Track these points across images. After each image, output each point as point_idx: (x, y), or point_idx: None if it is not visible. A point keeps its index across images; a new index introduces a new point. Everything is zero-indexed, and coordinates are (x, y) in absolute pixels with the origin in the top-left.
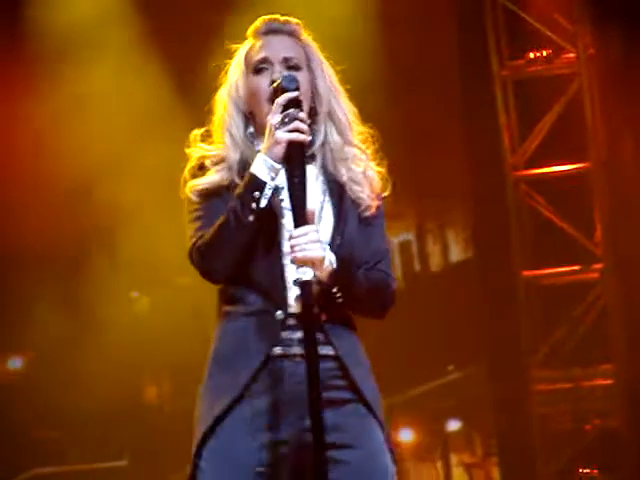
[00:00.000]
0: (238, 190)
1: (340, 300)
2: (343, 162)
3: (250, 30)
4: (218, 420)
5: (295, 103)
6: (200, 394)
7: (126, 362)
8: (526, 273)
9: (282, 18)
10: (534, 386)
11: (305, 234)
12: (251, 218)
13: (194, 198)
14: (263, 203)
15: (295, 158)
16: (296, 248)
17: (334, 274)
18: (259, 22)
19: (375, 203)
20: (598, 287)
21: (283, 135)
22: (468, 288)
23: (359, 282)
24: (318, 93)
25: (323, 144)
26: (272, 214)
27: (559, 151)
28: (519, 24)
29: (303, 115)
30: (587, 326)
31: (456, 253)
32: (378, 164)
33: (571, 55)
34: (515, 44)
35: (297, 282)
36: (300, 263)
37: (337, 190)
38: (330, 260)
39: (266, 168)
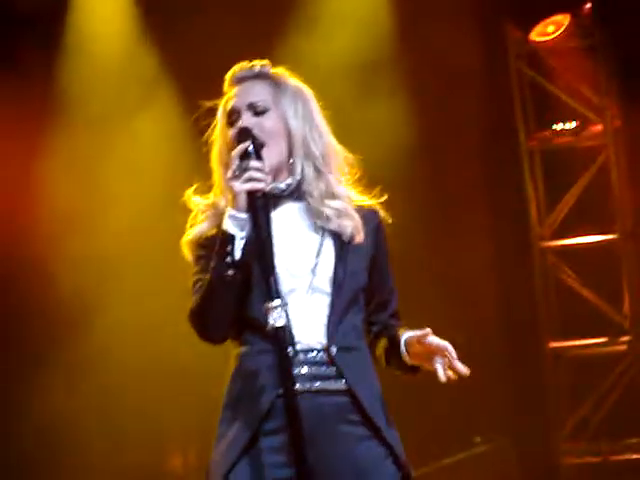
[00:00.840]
0: (215, 248)
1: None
2: (325, 197)
3: (226, 82)
4: (235, 463)
5: (249, 153)
6: (216, 435)
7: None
8: (553, 344)
9: (249, 64)
10: (562, 459)
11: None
12: (230, 272)
13: (189, 253)
14: (238, 255)
15: (257, 207)
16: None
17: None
18: (232, 71)
19: (360, 232)
20: (626, 359)
21: (240, 186)
22: (494, 358)
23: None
24: (291, 131)
25: (303, 182)
26: (262, 258)
27: (586, 222)
28: (546, 95)
29: (257, 164)
30: (615, 399)
31: None
32: (365, 194)
33: (598, 127)
34: (542, 115)
35: (271, 328)
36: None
37: (332, 228)
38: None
39: (232, 221)
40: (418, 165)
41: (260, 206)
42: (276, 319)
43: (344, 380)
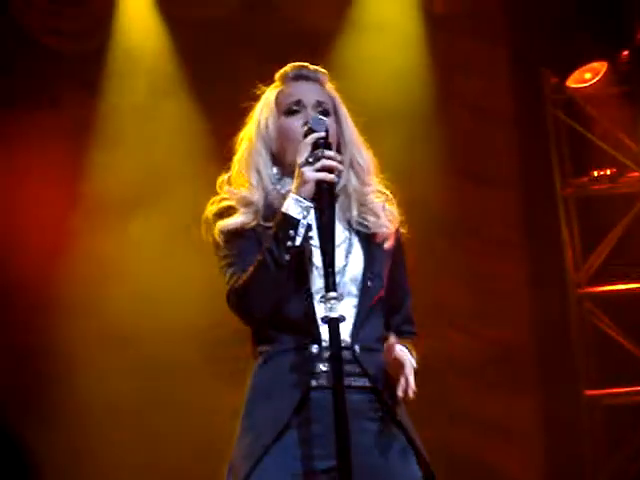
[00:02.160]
0: (273, 230)
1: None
2: (363, 202)
3: (279, 75)
4: (265, 452)
5: (323, 143)
6: (240, 430)
7: None
8: (589, 392)
9: (312, 66)
10: None
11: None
12: (287, 257)
13: (221, 240)
14: (298, 241)
15: (324, 197)
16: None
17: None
18: (289, 68)
19: (391, 234)
20: None
21: (311, 174)
22: (530, 406)
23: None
24: (343, 140)
25: (344, 189)
26: (301, 253)
27: (623, 269)
28: (583, 142)
29: (332, 153)
30: None
31: None
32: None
33: (635, 174)
34: (579, 162)
35: (325, 319)
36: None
37: (362, 230)
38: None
39: (298, 207)
40: (456, 212)
41: (326, 198)
42: (331, 310)
43: (367, 378)
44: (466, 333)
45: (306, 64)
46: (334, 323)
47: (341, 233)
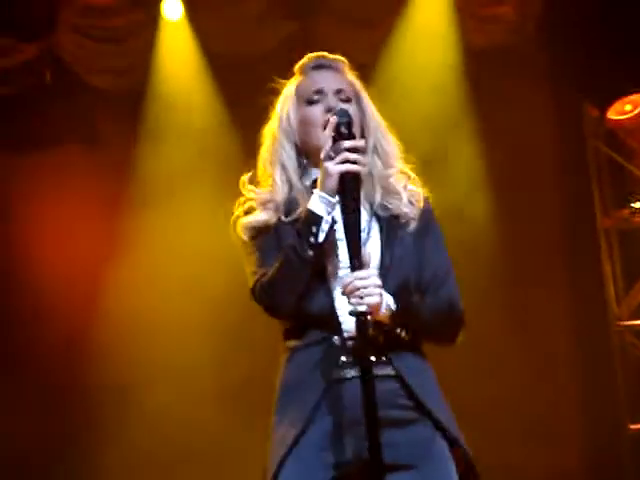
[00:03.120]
0: (297, 226)
1: (406, 337)
2: (383, 185)
3: (298, 66)
4: (291, 449)
5: (346, 134)
6: (271, 427)
7: None
8: (633, 426)
9: (330, 55)
10: None
11: (366, 278)
12: (311, 253)
13: (245, 236)
14: (321, 238)
15: (348, 190)
16: (357, 293)
17: (394, 316)
18: (307, 59)
19: (416, 215)
20: None
21: (334, 167)
22: (574, 438)
23: (422, 314)
24: (366, 126)
25: (369, 174)
26: (324, 247)
27: None
28: (623, 174)
29: (353, 143)
30: None
31: None
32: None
33: None
34: (619, 194)
35: (353, 313)
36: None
37: (383, 214)
38: (387, 303)
39: (321, 203)
40: (497, 243)
41: (350, 190)
42: (357, 304)
43: (392, 366)
44: (507, 367)
45: (324, 53)
46: (361, 316)
47: (362, 219)
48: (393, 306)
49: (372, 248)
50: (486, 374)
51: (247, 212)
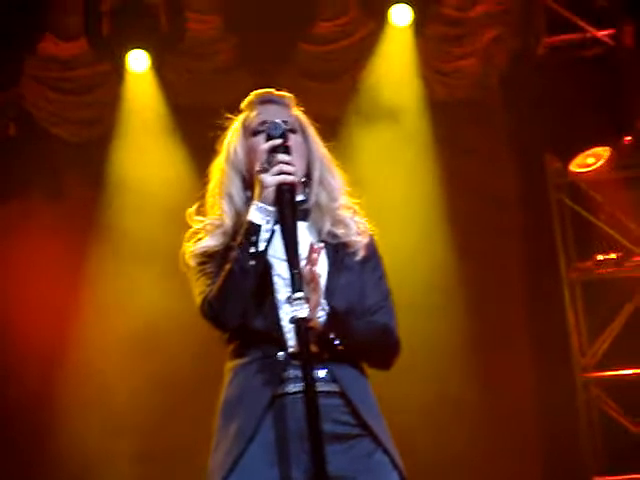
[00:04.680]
0: (237, 239)
1: (339, 346)
2: (332, 216)
3: (245, 102)
4: (235, 464)
5: (280, 148)
6: (213, 444)
7: None
8: (596, 479)
9: (276, 92)
10: None
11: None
12: (252, 263)
13: (193, 263)
14: (262, 246)
15: (285, 201)
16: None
17: (327, 320)
18: (254, 95)
19: (363, 245)
20: None
21: (270, 179)
22: None
23: (355, 329)
24: (312, 158)
25: (316, 204)
26: (265, 263)
27: (629, 353)
28: (587, 226)
29: (287, 157)
30: None
31: None
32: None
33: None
34: (583, 246)
35: (293, 319)
36: (308, 282)
37: (331, 241)
38: (323, 306)
39: (259, 213)
40: (460, 294)
41: (287, 199)
42: (298, 310)
43: (336, 383)
44: (472, 422)
45: (271, 90)
46: (301, 322)
47: (306, 248)
48: (327, 308)
49: (319, 273)
50: (449, 429)
51: (192, 239)
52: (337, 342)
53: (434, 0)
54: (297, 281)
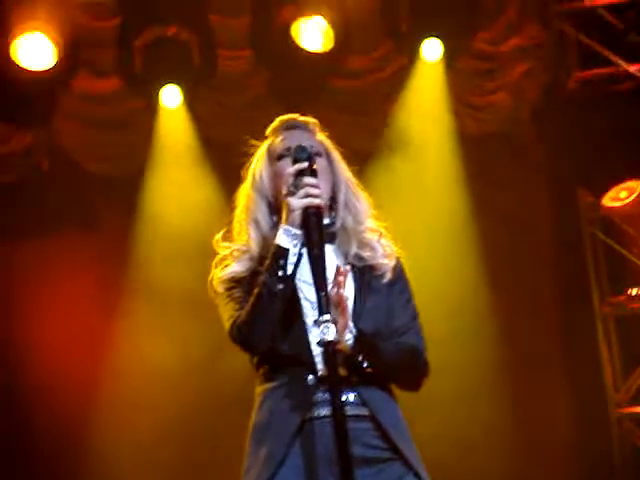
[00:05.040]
0: (265, 263)
1: (367, 369)
2: (358, 239)
3: (270, 129)
4: None
5: (306, 171)
6: (244, 468)
7: None
8: None
9: (301, 118)
10: None
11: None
12: (281, 286)
13: (220, 289)
14: (290, 270)
15: (312, 224)
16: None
17: (355, 343)
18: (278, 121)
19: (390, 267)
20: None
21: (297, 202)
22: None
23: (383, 351)
24: (337, 181)
25: (342, 227)
26: (293, 289)
27: None
28: (620, 260)
29: (313, 180)
30: None
31: None
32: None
33: None
34: (616, 280)
35: (321, 342)
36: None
37: (358, 264)
38: (350, 328)
39: (287, 236)
40: (494, 327)
41: (314, 222)
42: (326, 333)
43: (366, 406)
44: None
45: (295, 115)
46: (329, 345)
47: (333, 272)
48: (354, 330)
49: (347, 295)
50: (479, 458)
51: (219, 265)
52: (365, 365)
53: (466, 34)
54: (324, 304)
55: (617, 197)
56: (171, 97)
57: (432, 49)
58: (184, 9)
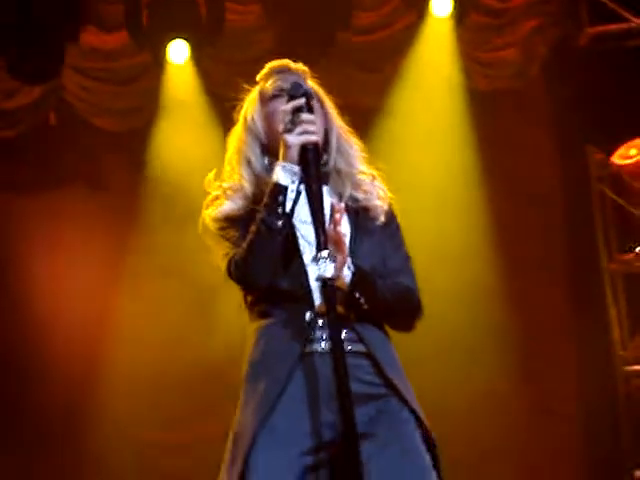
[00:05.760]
0: (264, 200)
1: (364, 306)
2: (352, 181)
3: (261, 74)
4: (265, 419)
5: (303, 108)
6: (241, 403)
7: None
8: (638, 473)
9: (292, 64)
10: None
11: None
12: (280, 223)
13: (213, 227)
14: (288, 207)
15: (310, 161)
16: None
17: (353, 279)
18: (269, 67)
19: (384, 210)
20: None
21: (294, 139)
22: None
23: (380, 289)
24: (329, 126)
25: (335, 169)
26: (290, 226)
27: None
28: (629, 218)
29: (310, 116)
30: None
31: None
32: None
33: None
34: (625, 238)
35: (319, 277)
36: (333, 242)
37: (353, 205)
38: (348, 265)
39: (284, 173)
40: (503, 286)
41: (311, 159)
42: (324, 269)
43: (363, 343)
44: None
45: (286, 61)
46: (328, 281)
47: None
48: (352, 268)
49: (344, 232)
50: (486, 422)
51: (211, 205)
52: (363, 302)
53: None
54: (323, 240)
55: (627, 155)
56: (178, 52)
57: (441, 5)
58: None
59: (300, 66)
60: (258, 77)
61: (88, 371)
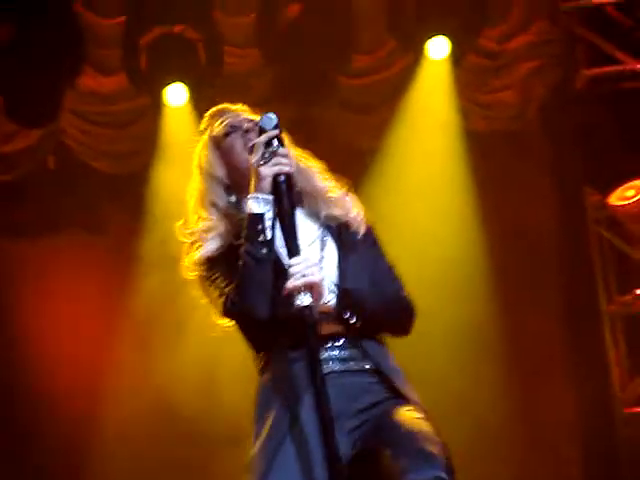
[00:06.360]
0: (243, 233)
1: (357, 324)
2: (328, 198)
3: (204, 122)
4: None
5: (275, 139)
6: (254, 434)
7: None
8: None
9: (231, 105)
10: None
11: (301, 262)
12: (264, 251)
13: (200, 271)
14: (269, 234)
15: (282, 189)
16: (296, 276)
17: (339, 301)
18: (209, 113)
19: (361, 222)
20: None
21: (267, 170)
22: None
23: (370, 303)
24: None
25: (306, 190)
26: (276, 258)
27: None
28: (626, 259)
29: (284, 150)
30: None
31: None
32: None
33: None
34: (623, 280)
35: (297, 308)
36: (300, 290)
37: (333, 224)
38: (331, 289)
39: (258, 203)
40: (501, 327)
41: (284, 190)
42: (302, 299)
43: (369, 360)
44: (509, 453)
45: (225, 104)
46: (306, 310)
47: (315, 231)
48: (335, 289)
49: (329, 256)
50: (487, 460)
51: (193, 246)
52: (353, 320)
53: (472, 32)
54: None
55: (624, 196)
56: (176, 95)
57: (438, 47)
58: (190, 7)
59: (240, 106)
60: (202, 126)
61: (87, 416)
